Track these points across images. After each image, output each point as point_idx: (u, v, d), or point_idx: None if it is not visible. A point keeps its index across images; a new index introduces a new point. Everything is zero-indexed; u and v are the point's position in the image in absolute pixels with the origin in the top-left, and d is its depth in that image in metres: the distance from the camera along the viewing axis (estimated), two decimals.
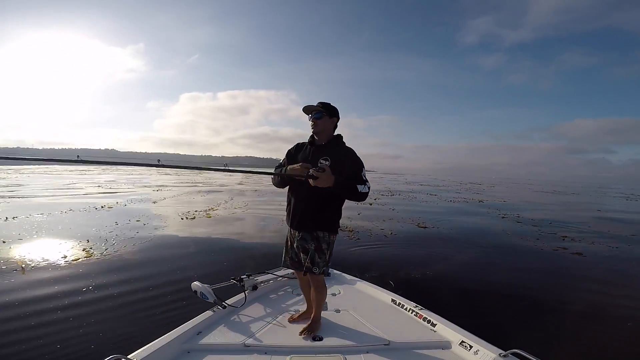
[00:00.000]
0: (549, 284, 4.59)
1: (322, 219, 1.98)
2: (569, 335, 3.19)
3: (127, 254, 5.24)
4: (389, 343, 1.94)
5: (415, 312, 2.32)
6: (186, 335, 1.94)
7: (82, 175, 31.91)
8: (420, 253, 5.98)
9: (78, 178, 26.43)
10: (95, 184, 20.26)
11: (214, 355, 1.81)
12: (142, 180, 25.62)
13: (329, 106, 2.01)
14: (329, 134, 2.04)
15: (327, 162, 1.92)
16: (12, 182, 20.82)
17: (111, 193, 15.20)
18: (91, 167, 45.63)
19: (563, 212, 13.29)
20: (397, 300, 2.53)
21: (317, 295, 2.10)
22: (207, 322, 2.13)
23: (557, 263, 5.69)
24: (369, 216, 9.67)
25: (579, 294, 4.27)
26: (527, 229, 8.85)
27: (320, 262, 1.99)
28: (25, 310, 3.22)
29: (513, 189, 32.17)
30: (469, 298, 3.95)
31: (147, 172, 38.85)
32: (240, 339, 1.95)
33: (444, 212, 11.53)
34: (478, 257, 5.82)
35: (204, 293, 2.33)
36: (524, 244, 6.93)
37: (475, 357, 1.79)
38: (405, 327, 2.16)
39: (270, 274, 2.91)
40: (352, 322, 2.24)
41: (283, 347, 1.90)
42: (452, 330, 2.03)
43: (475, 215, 11.12)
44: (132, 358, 1.60)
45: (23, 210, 9.13)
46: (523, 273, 5.02)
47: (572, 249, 6.49)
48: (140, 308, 3.41)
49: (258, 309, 2.43)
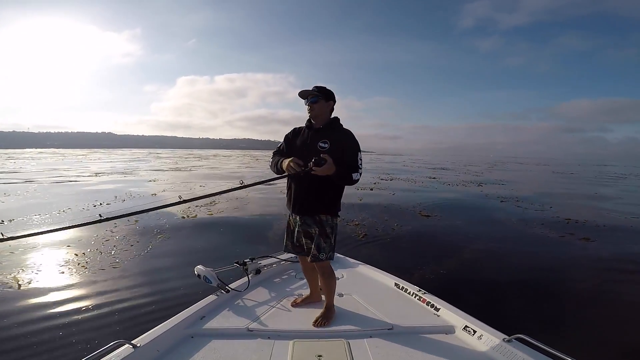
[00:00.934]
0: (556, 269, 4.50)
1: (324, 203, 1.98)
2: (574, 320, 3.16)
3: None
4: (393, 327, 1.94)
5: (418, 297, 2.31)
6: (190, 320, 1.95)
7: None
8: (428, 245, 5.63)
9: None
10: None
11: (217, 340, 1.82)
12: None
13: (324, 90, 2.01)
14: (325, 117, 2.04)
15: (327, 144, 1.93)
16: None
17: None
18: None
19: (566, 195, 13.10)
20: (400, 284, 2.52)
21: (326, 282, 2.09)
22: (210, 306, 2.13)
23: (563, 248, 5.55)
24: (371, 204, 9.18)
25: (585, 278, 4.19)
26: (531, 213, 8.60)
27: (327, 247, 1.99)
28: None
29: (513, 170, 31.42)
30: (485, 288, 3.78)
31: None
32: (244, 324, 1.96)
33: (446, 197, 11.24)
34: (485, 245, 5.55)
35: (208, 277, 2.33)
36: (530, 230, 6.73)
37: (479, 342, 1.78)
38: (408, 312, 2.16)
39: (273, 257, 2.90)
40: (355, 306, 2.24)
41: (286, 332, 1.90)
42: (455, 314, 2.02)
43: (476, 200, 10.90)
44: (136, 343, 1.61)
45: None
46: (531, 259, 4.91)
47: (578, 234, 6.31)
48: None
49: (261, 293, 2.44)
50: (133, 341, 1.61)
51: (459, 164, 39.59)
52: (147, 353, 1.61)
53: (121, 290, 3.49)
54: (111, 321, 2.90)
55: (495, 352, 1.68)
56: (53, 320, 2.89)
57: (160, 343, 1.70)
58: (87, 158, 39.12)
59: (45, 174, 17.07)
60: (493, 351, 1.69)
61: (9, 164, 26.03)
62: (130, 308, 3.12)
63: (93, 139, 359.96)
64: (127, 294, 3.39)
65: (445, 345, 1.81)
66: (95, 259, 4.33)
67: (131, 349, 1.57)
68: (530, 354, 1.55)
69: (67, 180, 14.36)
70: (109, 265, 4.15)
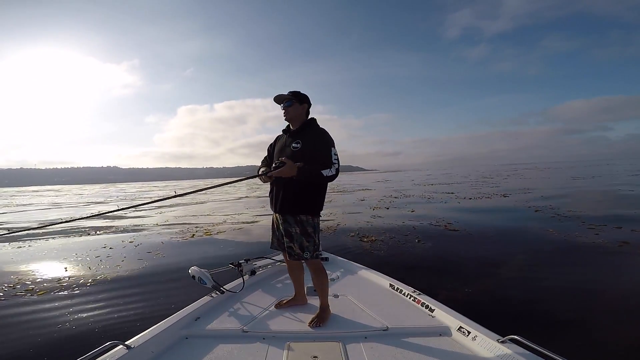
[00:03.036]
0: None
1: (303, 202, 2.01)
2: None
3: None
4: (388, 328, 1.95)
5: (413, 298, 2.32)
6: (184, 321, 1.94)
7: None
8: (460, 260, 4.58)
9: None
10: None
11: (212, 341, 1.80)
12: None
13: (298, 94, 2.09)
14: (301, 120, 2.10)
15: (299, 144, 2.00)
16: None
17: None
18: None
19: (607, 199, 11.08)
20: (395, 285, 2.52)
21: (318, 281, 2.10)
22: (205, 307, 2.13)
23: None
24: (390, 220, 8.22)
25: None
26: (571, 224, 6.96)
27: (309, 245, 2.01)
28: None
29: (528, 176, 28.72)
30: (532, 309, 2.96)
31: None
32: (238, 325, 1.95)
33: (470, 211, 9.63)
34: (524, 260, 4.51)
35: (202, 278, 2.32)
36: (573, 240, 5.47)
37: (474, 343, 1.79)
38: (403, 313, 2.17)
39: (268, 258, 2.90)
40: (351, 307, 2.24)
41: (282, 333, 1.90)
42: (450, 315, 2.03)
43: (503, 212, 9.33)
44: (130, 344, 1.59)
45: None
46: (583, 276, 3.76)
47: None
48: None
49: (256, 294, 2.43)
50: (127, 342, 1.60)
51: (474, 176, 36.25)
52: (141, 354, 1.60)
53: (116, 290, 3.45)
54: (105, 322, 2.86)
55: (489, 352, 1.69)
56: (47, 320, 2.86)
57: (155, 344, 1.69)
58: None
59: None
60: (487, 352, 1.70)
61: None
62: (124, 309, 3.09)
63: (99, 173, 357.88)
64: (122, 295, 3.36)
65: (440, 346, 1.82)
66: (86, 264, 4.28)
67: (125, 349, 1.55)
68: (524, 355, 1.57)
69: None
70: (103, 268, 4.11)
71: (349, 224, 7.87)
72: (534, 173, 37.77)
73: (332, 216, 9.28)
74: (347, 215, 9.55)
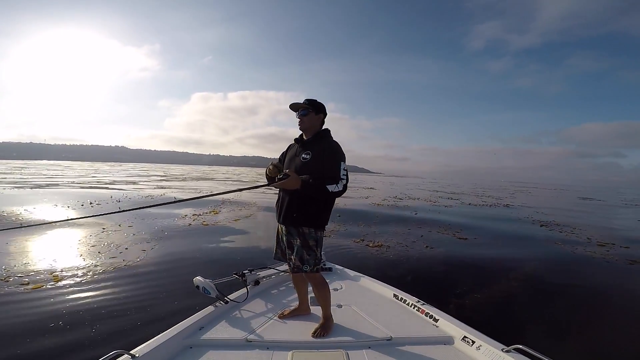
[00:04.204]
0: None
1: (307, 214, 1.97)
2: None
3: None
4: (391, 338, 1.94)
5: (417, 308, 2.31)
6: (188, 331, 1.94)
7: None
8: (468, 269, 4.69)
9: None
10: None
11: (216, 351, 1.81)
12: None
13: (315, 103, 2.05)
14: (315, 130, 2.07)
15: (309, 155, 1.97)
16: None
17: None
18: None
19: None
20: (399, 295, 2.52)
21: (319, 293, 2.10)
22: (209, 317, 2.13)
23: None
24: (398, 228, 8.11)
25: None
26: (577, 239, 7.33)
27: (310, 259, 1.98)
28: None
29: (532, 194, 28.95)
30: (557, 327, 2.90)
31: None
32: (242, 334, 1.96)
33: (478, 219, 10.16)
34: (532, 270, 4.65)
35: (206, 288, 2.33)
36: (581, 254, 5.76)
37: (478, 353, 1.78)
38: (407, 323, 2.15)
39: (272, 268, 2.91)
40: (354, 317, 2.24)
41: (285, 343, 1.90)
42: (454, 325, 2.01)
43: (509, 222, 9.79)
44: (135, 353, 1.61)
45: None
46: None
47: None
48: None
49: (260, 304, 2.43)
50: (132, 351, 1.61)
51: (481, 188, 36.15)
52: None
53: (119, 298, 3.46)
54: (109, 330, 2.87)
55: None
56: (50, 327, 2.87)
57: (159, 353, 1.70)
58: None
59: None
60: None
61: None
62: (128, 317, 3.10)
63: (107, 152, 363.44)
64: (126, 302, 3.36)
65: (444, 356, 1.80)
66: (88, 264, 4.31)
67: (130, 359, 1.57)
68: None
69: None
70: (105, 270, 4.13)
71: (351, 227, 7.85)
72: (541, 192, 37.64)
73: (334, 216, 9.24)
74: (350, 215, 9.51)
